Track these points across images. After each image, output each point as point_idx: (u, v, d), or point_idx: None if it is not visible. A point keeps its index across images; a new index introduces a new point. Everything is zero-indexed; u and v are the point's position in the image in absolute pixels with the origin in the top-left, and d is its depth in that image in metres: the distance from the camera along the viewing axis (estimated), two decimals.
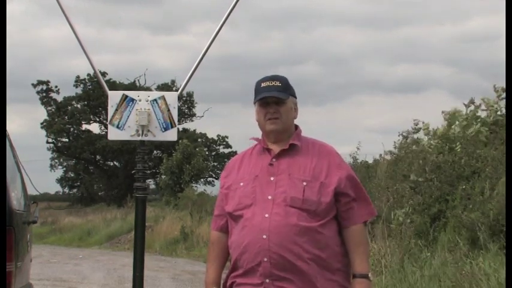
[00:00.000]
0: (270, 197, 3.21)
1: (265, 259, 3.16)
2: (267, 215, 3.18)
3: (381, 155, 14.08)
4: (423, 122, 12.60)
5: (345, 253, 3.27)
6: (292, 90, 3.38)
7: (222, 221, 3.44)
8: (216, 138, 50.58)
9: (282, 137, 3.33)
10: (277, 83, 3.33)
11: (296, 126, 3.41)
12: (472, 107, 11.65)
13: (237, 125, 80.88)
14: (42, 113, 48.69)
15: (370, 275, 3.25)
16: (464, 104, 11.83)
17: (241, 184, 3.31)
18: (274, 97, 3.29)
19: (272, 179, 3.25)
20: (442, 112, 11.96)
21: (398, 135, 12.91)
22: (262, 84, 3.35)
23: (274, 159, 3.29)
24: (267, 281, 3.17)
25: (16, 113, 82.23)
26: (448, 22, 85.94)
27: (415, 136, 12.59)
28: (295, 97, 3.40)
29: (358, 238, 3.25)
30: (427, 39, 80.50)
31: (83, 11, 74.66)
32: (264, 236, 3.16)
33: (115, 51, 78.49)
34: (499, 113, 11.09)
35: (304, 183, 3.21)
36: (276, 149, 3.32)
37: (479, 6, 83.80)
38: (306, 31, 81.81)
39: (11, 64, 69.69)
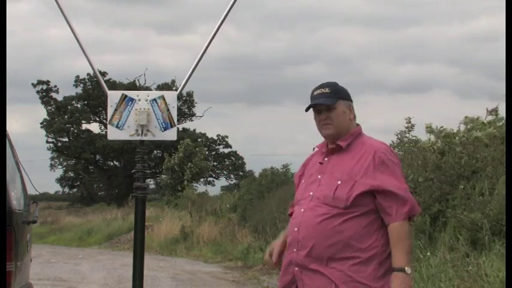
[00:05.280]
0: (311, 193, 3.48)
1: (295, 249, 3.45)
2: (302, 210, 3.48)
3: None
4: (410, 122, 12.54)
5: (385, 247, 3.38)
6: (343, 93, 3.59)
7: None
8: (215, 138, 50.59)
9: (339, 139, 3.54)
10: (326, 90, 3.55)
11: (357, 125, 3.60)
12: (493, 116, 11.57)
13: (240, 125, 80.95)
14: (44, 113, 48.72)
15: (407, 268, 3.34)
16: (487, 109, 11.78)
17: (303, 181, 3.62)
18: (322, 104, 3.51)
19: (319, 177, 3.51)
20: (466, 117, 11.87)
21: (396, 135, 12.87)
22: (314, 93, 3.58)
23: (326, 159, 3.54)
24: (296, 269, 3.45)
25: (21, 113, 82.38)
26: (454, 22, 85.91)
27: (410, 135, 12.55)
28: (349, 99, 3.59)
29: (397, 235, 3.36)
30: (432, 39, 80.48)
31: (91, 11, 74.92)
32: (296, 229, 3.46)
33: (121, 51, 78.68)
34: None
35: (339, 182, 3.41)
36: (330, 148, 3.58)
37: (485, 6, 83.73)
38: (312, 31, 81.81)
39: (17, 64, 69.75)
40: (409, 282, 3.33)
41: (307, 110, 3.57)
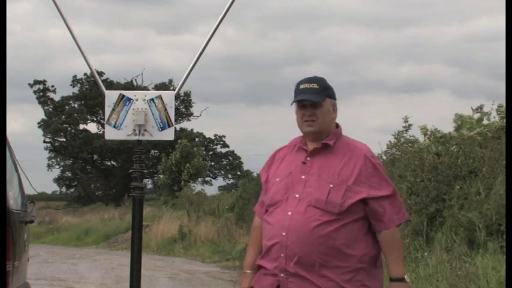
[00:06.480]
0: (297, 195, 3.33)
1: (282, 255, 3.29)
2: (289, 213, 3.31)
3: (380, 155, 14.00)
4: (407, 122, 12.56)
5: (372, 253, 3.35)
6: (330, 91, 3.46)
7: (262, 208, 3.55)
8: (213, 137, 50.60)
9: (320, 137, 3.42)
10: (315, 86, 3.42)
11: (337, 125, 3.49)
12: (479, 114, 11.61)
13: (239, 125, 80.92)
14: (42, 113, 48.68)
15: (406, 276, 3.33)
16: (472, 108, 11.81)
17: (277, 179, 3.43)
18: (310, 100, 3.38)
19: (303, 177, 3.36)
20: (456, 114, 11.89)
21: (393, 135, 12.87)
22: (301, 86, 3.44)
23: (308, 158, 3.40)
24: (282, 275, 3.30)
25: (20, 113, 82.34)
26: (454, 22, 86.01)
27: (408, 135, 12.57)
28: (334, 98, 3.48)
29: (390, 242, 3.33)
30: (432, 39, 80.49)
31: (91, 11, 74.97)
32: (283, 233, 3.29)
33: (121, 51, 78.69)
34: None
35: (331, 186, 3.30)
36: (311, 148, 3.42)
37: (485, 6, 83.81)
38: (313, 31, 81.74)
39: (17, 64, 69.63)
40: None
41: (292, 103, 3.45)
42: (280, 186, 3.39)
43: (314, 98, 3.37)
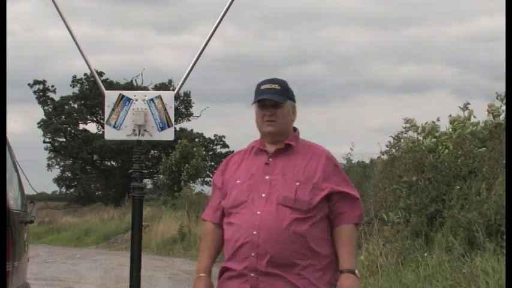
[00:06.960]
0: (263, 195, 3.32)
1: (253, 254, 3.27)
2: (258, 212, 3.30)
3: (381, 154, 14.00)
4: (408, 123, 12.55)
5: (334, 252, 3.38)
6: (291, 93, 3.49)
7: (216, 213, 3.53)
8: (212, 138, 50.61)
9: (279, 139, 3.43)
10: (276, 86, 3.45)
11: (295, 129, 3.51)
12: (467, 112, 11.60)
13: (239, 125, 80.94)
14: (42, 113, 48.69)
15: (357, 272, 3.35)
16: (460, 107, 11.81)
17: (238, 182, 3.41)
18: (272, 100, 3.40)
19: (267, 177, 3.36)
20: (449, 116, 11.91)
21: (392, 136, 12.84)
22: (262, 87, 3.46)
23: (270, 159, 3.40)
24: (252, 275, 3.27)
25: (20, 113, 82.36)
26: (454, 22, 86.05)
27: (407, 135, 12.56)
28: (294, 101, 3.51)
29: (347, 237, 3.36)
30: (432, 39, 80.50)
31: (91, 11, 75.02)
32: (254, 232, 3.27)
33: (121, 51, 78.71)
34: (501, 117, 11.00)
35: (297, 184, 3.32)
36: (272, 149, 3.42)
37: (485, 6, 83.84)
38: (312, 31, 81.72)
39: (18, 64, 69.66)
40: (359, 285, 3.34)
41: (253, 103, 3.45)
42: (243, 188, 3.37)
43: (276, 98, 3.40)
